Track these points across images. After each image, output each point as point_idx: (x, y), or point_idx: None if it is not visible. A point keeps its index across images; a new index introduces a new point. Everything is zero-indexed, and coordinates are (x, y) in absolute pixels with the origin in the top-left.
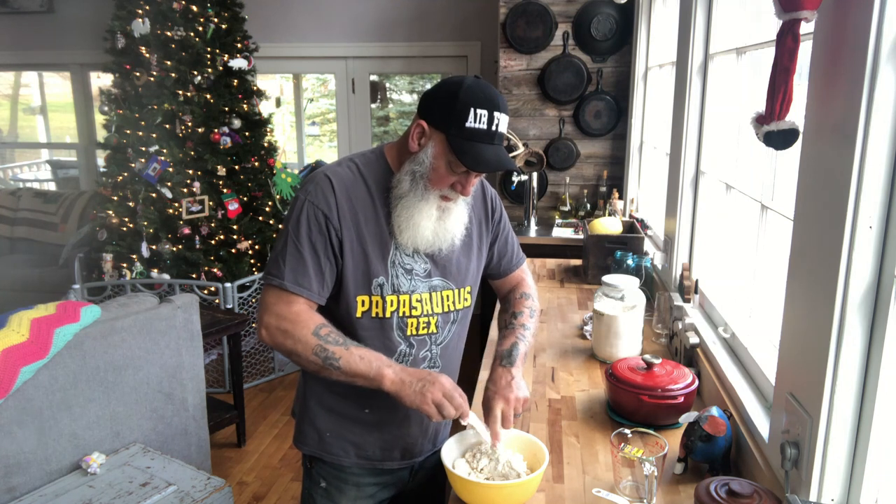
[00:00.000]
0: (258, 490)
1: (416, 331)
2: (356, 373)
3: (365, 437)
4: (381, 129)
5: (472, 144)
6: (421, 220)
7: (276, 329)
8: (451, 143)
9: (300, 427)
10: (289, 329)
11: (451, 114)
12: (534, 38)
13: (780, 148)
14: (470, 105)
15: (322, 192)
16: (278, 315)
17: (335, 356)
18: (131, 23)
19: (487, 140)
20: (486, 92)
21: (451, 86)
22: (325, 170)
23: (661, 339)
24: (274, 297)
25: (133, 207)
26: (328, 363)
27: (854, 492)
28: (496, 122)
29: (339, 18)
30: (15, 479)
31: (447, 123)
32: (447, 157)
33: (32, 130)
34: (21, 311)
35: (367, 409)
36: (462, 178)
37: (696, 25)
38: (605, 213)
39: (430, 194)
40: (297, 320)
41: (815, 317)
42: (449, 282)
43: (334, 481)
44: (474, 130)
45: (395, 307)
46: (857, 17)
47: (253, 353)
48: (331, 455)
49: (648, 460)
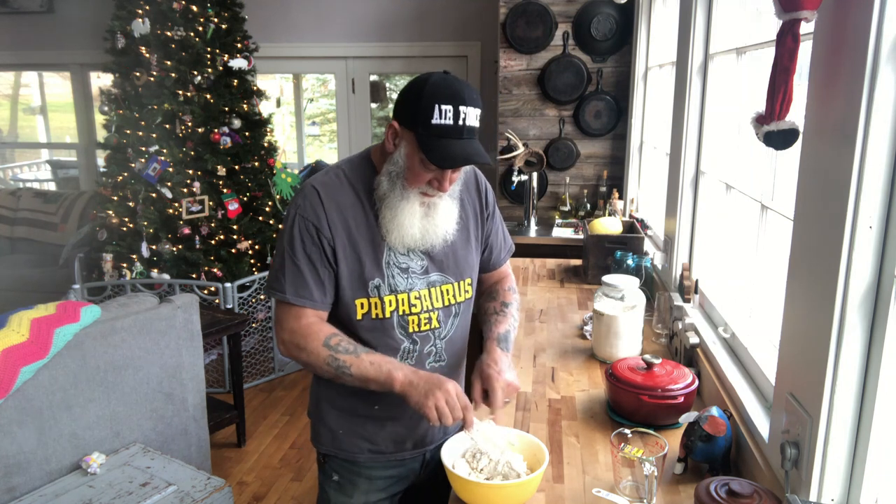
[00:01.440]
0: (258, 490)
1: (419, 327)
2: (367, 378)
3: (377, 432)
4: (381, 129)
5: (439, 141)
6: (405, 219)
7: (290, 344)
8: (420, 141)
9: (315, 427)
10: (301, 343)
11: (418, 112)
12: (534, 38)
13: (780, 148)
14: (434, 101)
15: (311, 205)
16: (291, 330)
17: (346, 365)
18: (131, 23)
19: (455, 135)
20: (452, 87)
21: (416, 84)
22: (313, 181)
23: (661, 339)
24: (284, 313)
25: (133, 207)
26: (340, 371)
27: (854, 492)
28: (462, 115)
29: (338, 18)
30: (15, 479)
31: (415, 122)
32: (419, 156)
33: (32, 130)
34: (21, 311)
35: (376, 406)
36: (438, 175)
37: (696, 25)
38: (605, 213)
39: (409, 192)
40: (307, 333)
41: (815, 317)
42: (448, 276)
43: (347, 475)
44: (440, 126)
45: (395, 306)
46: (857, 17)
47: (253, 353)
48: (344, 451)
49: (648, 460)
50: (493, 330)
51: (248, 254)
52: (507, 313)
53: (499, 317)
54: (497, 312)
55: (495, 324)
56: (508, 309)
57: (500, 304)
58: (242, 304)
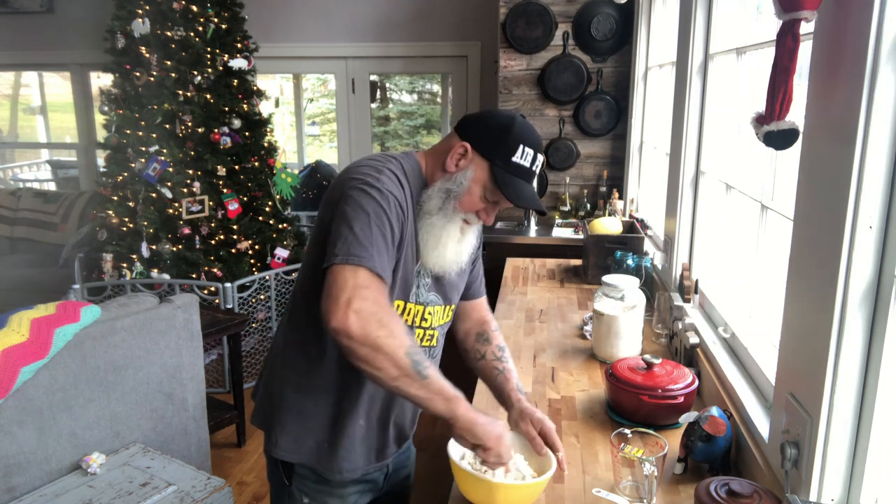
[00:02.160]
0: (258, 490)
1: (421, 342)
2: (439, 388)
3: (352, 446)
4: (381, 129)
5: (514, 179)
6: (448, 242)
7: (371, 316)
8: (495, 173)
9: (275, 434)
10: (385, 319)
11: (501, 146)
12: (534, 38)
13: (780, 148)
14: (520, 142)
15: (394, 183)
16: (376, 302)
17: (425, 365)
18: (131, 23)
19: (528, 178)
20: (535, 134)
21: (503, 119)
22: (384, 162)
23: (661, 339)
24: (368, 281)
25: (133, 207)
26: (417, 368)
27: (854, 492)
28: (538, 162)
29: (339, 18)
30: (15, 479)
31: (495, 153)
32: (485, 185)
33: (32, 130)
34: (21, 311)
35: (361, 421)
36: (490, 208)
37: (696, 25)
38: (605, 213)
39: (456, 216)
40: (394, 314)
41: (815, 317)
42: (440, 297)
43: (318, 495)
44: (519, 166)
45: (412, 316)
46: (857, 17)
47: (253, 353)
48: (314, 465)
49: (648, 460)
50: (511, 382)
51: (248, 254)
52: (507, 358)
53: (504, 364)
54: (499, 359)
55: (506, 371)
56: (505, 353)
57: (496, 349)
58: (242, 304)
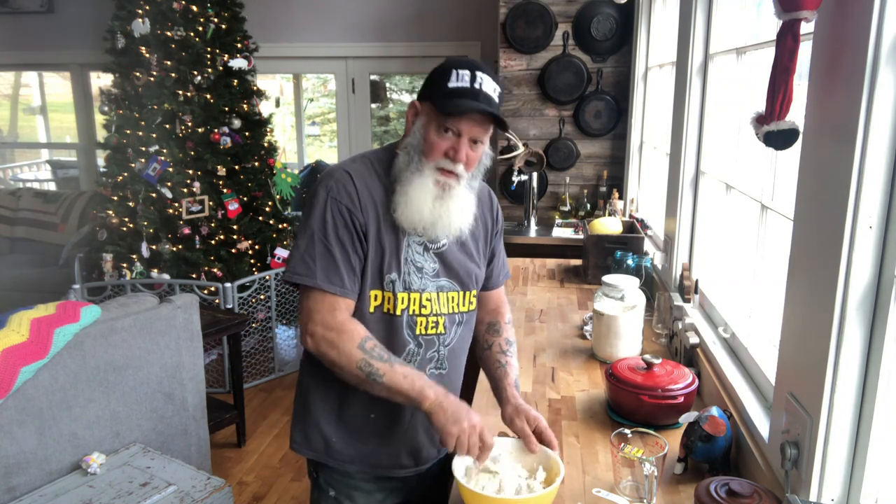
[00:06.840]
0: (258, 490)
1: (425, 330)
2: (399, 390)
3: (372, 442)
4: (382, 129)
5: (453, 99)
6: (416, 194)
7: (322, 340)
8: (436, 104)
9: (304, 431)
10: (334, 340)
11: (435, 82)
12: (534, 38)
13: (780, 148)
14: (451, 67)
15: (343, 187)
16: (324, 325)
17: (379, 372)
18: (131, 23)
19: (471, 97)
20: (469, 59)
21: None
22: (342, 166)
23: (661, 339)
24: (315, 303)
25: (133, 207)
26: (372, 378)
27: (854, 492)
28: (479, 80)
29: (339, 18)
30: (15, 479)
31: (432, 91)
32: (436, 122)
33: (32, 130)
34: (21, 311)
35: (372, 415)
36: (454, 143)
37: (696, 25)
38: (605, 213)
39: (424, 167)
40: (342, 330)
41: (815, 317)
42: (455, 283)
43: (343, 489)
44: (456, 88)
45: (406, 305)
46: (857, 17)
47: (253, 353)
48: (336, 462)
49: (648, 460)
50: (510, 377)
51: (248, 254)
52: (512, 353)
53: (508, 358)
54: (503, 352)
55: (507, 366)
56: (512, 348)
57: (505, 343)
58: (242, 304)
